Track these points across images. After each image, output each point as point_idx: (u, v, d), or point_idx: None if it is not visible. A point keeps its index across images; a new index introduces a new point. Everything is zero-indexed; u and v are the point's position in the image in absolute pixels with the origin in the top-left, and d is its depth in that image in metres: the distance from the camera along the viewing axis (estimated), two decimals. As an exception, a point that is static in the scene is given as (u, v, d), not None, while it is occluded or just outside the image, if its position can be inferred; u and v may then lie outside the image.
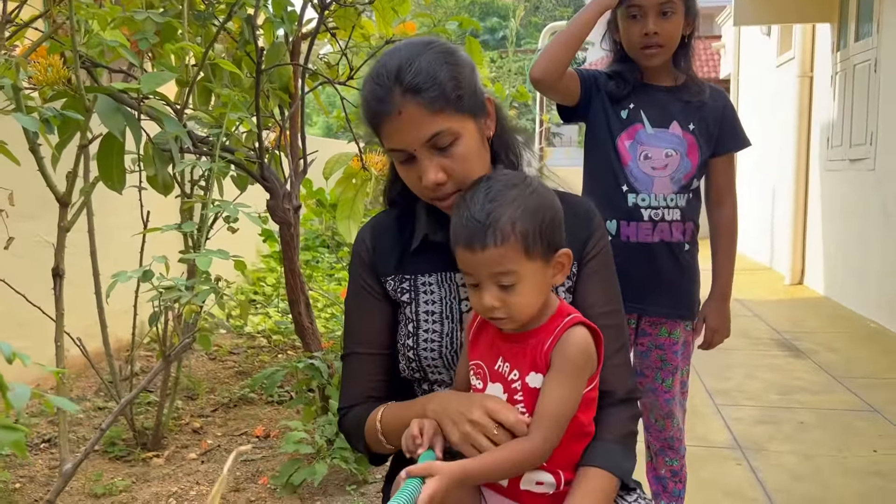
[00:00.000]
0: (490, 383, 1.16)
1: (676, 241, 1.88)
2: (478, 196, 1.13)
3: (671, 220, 1.86)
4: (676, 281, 1.91)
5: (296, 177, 2.82)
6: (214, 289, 1.65)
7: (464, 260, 1.13)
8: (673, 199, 1.85)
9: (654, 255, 1.87)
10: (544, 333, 1.15)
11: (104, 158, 2.10)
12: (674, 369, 1.97)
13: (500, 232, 1.09)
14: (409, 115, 1.15)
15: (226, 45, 2.84)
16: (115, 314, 2.77)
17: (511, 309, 1.12)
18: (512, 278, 1.11)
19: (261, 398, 3.37)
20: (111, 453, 2.74)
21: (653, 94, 1.87)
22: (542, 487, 1.16)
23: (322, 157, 3.01)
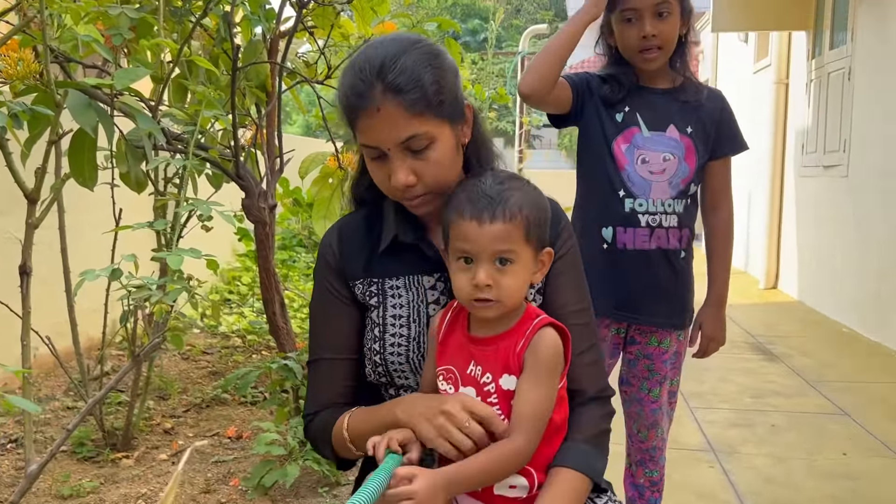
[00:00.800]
0: (462, 387, 1.16)
1: (673, 248, 1.83)
2: (487, 179, 1.17)
3: (668, 226, 1.82)
4: (672, 289, 1.87)
5: (272, 175, 2.79)
6: (186, 288, 1.63)
7: (467, 233, 1.13)
8: (671, 205, 1.81)
9: (650, 264, 1.83)
10: (515, 335, 1.15)
11: (75, 155, 2.06)
12: (661, 379, 1.93)
13: (510, 210, 1.13)
14: (388, 114, 1.14)
15: (202, 43, 2.81)
16: (85, 313, 2.73)
17: (501, 291, 1.13)
18: (511, 256, 1.14)
19: (234, 399, 3.34)
20: (79, 454, 2.70)
21: (649, 97, 1.83)
22: (514, 491, 1.16)
23: (300, 155, 2.99)
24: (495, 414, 1.12)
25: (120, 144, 2.18)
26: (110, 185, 2.37)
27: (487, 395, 1.14)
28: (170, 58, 2.37)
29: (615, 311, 1.87)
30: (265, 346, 4.13)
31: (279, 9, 2.72)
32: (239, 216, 2.72)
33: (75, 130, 2.02)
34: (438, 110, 1.17)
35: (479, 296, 1.13)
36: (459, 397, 1.13)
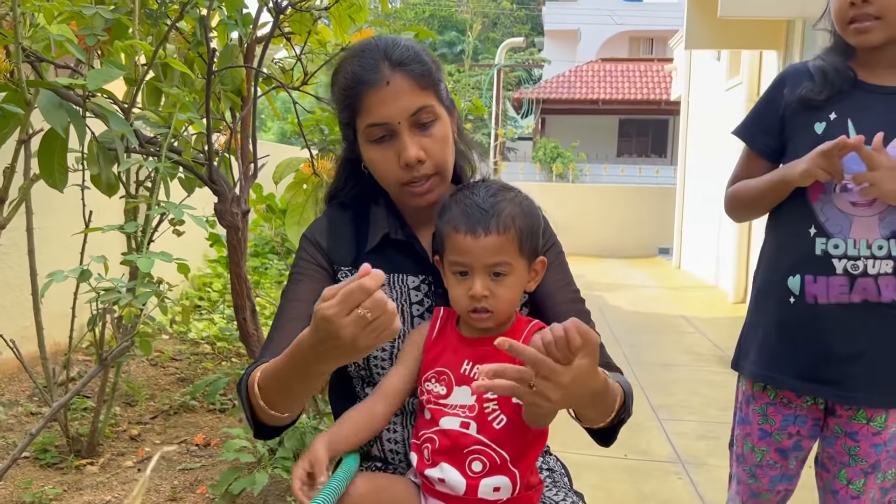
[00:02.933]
0: (456, 386, 1.18)
1: (888, 301, 1.41)
2: (479, 190, 1.19)
3: (877, 273, 1.40)
4: (887, 355, 1.43)
5: (245, 181, 2.78)
6: (156, 291, 1.61)
7: (463, 247, 1.15)
8: (883, 247, 1.39)
9: (852, 321, 1.42)
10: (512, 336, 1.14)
11: (45, 155, 2.04)
12: (869, 469, 1.48)
13: (503, 222, 1.15)
14: (398, 86, 1.16)
15: (178, 46, 2.79)
16: (53, 317, 2.68)
17: (497, 301, 1.16)
18: (506, 269, 1.16)
19: (202, 406, 3.30)
20: (43, 460, 2.64)
21: (867, 98, 1.40)
22: (498, 494, 1.16)
23: (274, 161, 2.97)
24: (356, 279, 0.92)
25: (91, 146, 2.15)
26: (80, 187, 2.34)
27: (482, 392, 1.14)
28: (144, 60, 2.35)
29: (800, 383, 1.49)
30: (235, 353, 4.09)
31: (256, 14, 2.71)
32: (211, 221, 2.71)
33: (46, 131, 1.99)
34: (438, 90, 1.21)
35: (476, 306, 1.16)
36: (329, 295, 0.94)
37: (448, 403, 1.17)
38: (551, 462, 1.37)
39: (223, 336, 4.24)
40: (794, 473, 1.58)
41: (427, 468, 1.16)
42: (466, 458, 1.14)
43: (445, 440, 1.15)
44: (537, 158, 18.65)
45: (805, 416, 1.52)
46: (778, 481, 1.60)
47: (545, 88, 20.92)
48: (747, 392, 1.60)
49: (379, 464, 1.29)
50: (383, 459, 1.28)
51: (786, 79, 1.51)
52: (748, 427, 1.60)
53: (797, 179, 1.40)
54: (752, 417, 1.58)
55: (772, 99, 1.52)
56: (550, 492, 1.29)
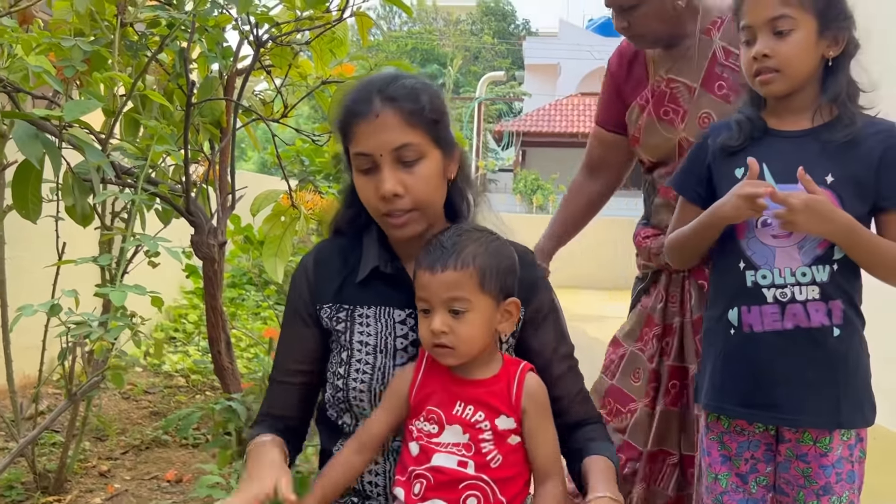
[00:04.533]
0: (447, 425, 1.19)
1: (818, 325, 1.48)
2: (449, 231, 1.22)
3: (805, 299, 1.48)
4: (825, 378, 1.49)
5: (223, 212, 2.76)
6: (129, 325, 1.58)
7: (422, 283, 1.18)
8: (806, 274, 1.48)
9: (786, 346, 1.49)
10: (505, 379, 1.21)
11: (19, 186, 2.02)
12: (821, 491, 1.52)
13: (462, 259, 1.17)
14: (385, 121, 1.21)
15: (157, 78, 2.79)
16: (23, 350, 2.63)
17: (458, 338, 1.16)
18: (464, 305, 1.17)
19: (175, 441, 3.24)
20: (8, 497, 2.57)
21: (777, 143, 1.52)
22: None
23: (253, 192, 2.96)
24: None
25: (67, 177, 2.13)
26: (55, 218, 2.31)
27: (479, 432, 1.17)
28: (123, 91, 2.34)
29: (744, 410, 1.55)
30: (209, 387, 4.03)
31: (237, 47, 2.72)
32: (187, 252, 2.68)
33: (20, 161, 1.97)
34: (431, 129, 1.24)
35: (436, 342, 1.17)
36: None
37: (441, 442, 1.18)
38: None
39: (197, 369, 4.19)
40: (758, 499, 1.60)
41: (416, 502, 1.17)
42: (461, 493, 1.16)
43: (441, 477, 1.16)
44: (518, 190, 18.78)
45: (758, 440, 1.58)
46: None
47: (525, 121, 21.16)
48: (704, 423, 1.66)
49: (355, 499, 1.30)
50: (361, 492, 1.29)
51: (711, 131, 1.63)
52: (708, 458, 1.64)
53: (728, 218, 1.50)
54: (711, 446, 1.63)
55: (700, 150, 1.63)
56: None
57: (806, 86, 1.51)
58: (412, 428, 1.21)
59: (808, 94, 1.52)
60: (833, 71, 1.50)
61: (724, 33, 1.80)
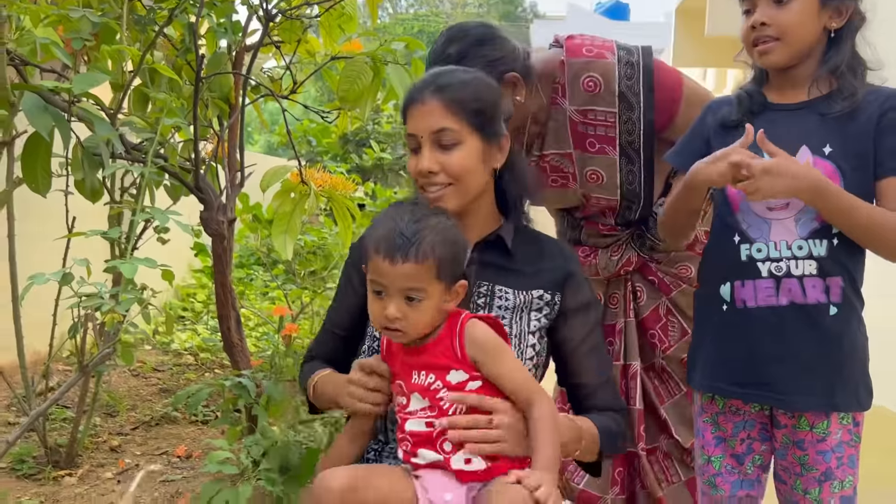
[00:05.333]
0: (410, 395, 1.29)
1: (814, 303, 1.44)
2: (404, 215, 1.27)
3: (802, 274, 1.44)
4: (820, 358, 1.46)
5: (232, 189, 2.75)
6: (138, 298, 1.58)
7: (380, 269, 1.24)
8: (802, 248, 1.44)
9: (781, 324, 1.46)
10: (447, 337, 1.27)
11: (29, 159, 2.01)
12: (822, 477, 1.48)
13: (423, 252, 1.22)
14: (429, 107, 1.37)
15: (165, 53, 2.77)
16: (33, 326, 2.63)
17: (409, 322, 1.24)
18: (421, 294, 1.24)
19: (184, 417, 3.25)
20: (20, 471, 2.59)
21: (775, 115, 1.50)
22: (470, 465, 1.24)
23: (261, 171, 2.96)
24: (377, 359, 1.35)
25: (76, 151, 2.13)
26: (64, 192, 2.31)
27: (435, 392, 1.26)
28: (132, 67, 2.33)
29: (741, 391, 1.52)
30: (218, 365, 4.05)
31: (245, 21, 2.70)
32: (196, 231, 2.68)
33: (30, 134, 1.97)
34: (472, 119, 1.37)
35: (389, 326, 1.25)
36: (355, 364, 1.37)
37: (410, 410, 1.29)
38: None
39: (206, 347, 4.20)
40: (753, 479, 1.58)
41: (410, 458, 1.28)
42: (436, 440, 1.25)
43: (417, 437, 1.27)
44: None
45: (753, 420, 1.56)
46: (738, 486, 1.59)
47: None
48: (698, 404, 1.64)
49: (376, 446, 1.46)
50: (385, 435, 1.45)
51: (711, 107, 1.63)
52: (702, 439, 1.63)
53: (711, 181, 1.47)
54: (705, 428, 1.61)
55: (699, 125, 1.63)
56: None
57: (807, 58, 1.47)
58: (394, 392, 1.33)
59: (809, 67, 1.48)
60: (835, 42, 1.46)
61: (571, 98, 1.80)
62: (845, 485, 1.48)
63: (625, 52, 1.79)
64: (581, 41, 1.81)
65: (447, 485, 1.24)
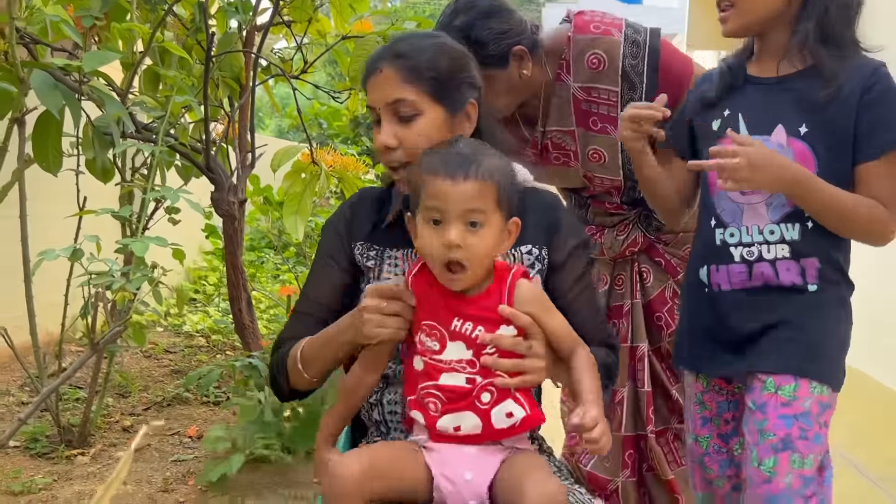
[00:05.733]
0: (450, 342, 1.18)
1: (789, 284, 1.40)
2: (460, 142, 1.21)
3: (774, 257, 1.40)
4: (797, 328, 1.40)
5: (242, 170, 2.75)
6: (149, 276, 1.58)
7: (440, 191, 1.14)
8: (774, 232, 1.39)
9: (755, 302, 1.42)
10: (497, 292, 1.19)
11: (40, 138, 2.01)
12: (779, 444, 1.35)
13: (484, 170, 1.15)
14: (385, 76, 1.27)
15: (176, 32, 2.76)
16: (45, 307, 2.64)
17: (471, 251, 1.13)
18: (482, 218, 1.14)
19: (196, 398, 3.26)
20: (33, 450, 2.61)
21: (752, 91, 1.43)
22: (512, 419, 1.18)
23: (272, 154, 2.95)
24: (398, 282, 1.22)
25: (87, 130, 2.12)
26: (75, 171, 2.30)
27: (482, 347, 1.17)
28: (142, 47, 2.32)
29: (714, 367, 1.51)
30: (230, 346, 4.06)
31: (256, 0, 2.68)
32: (207, 212, 2.68)
33: (41, 113, 1.96)
34: (431, 87, 1.27)
35: (451, 256, 1.13)
36: (369, 290, 1.22)
37: (444, 359, 1.18)
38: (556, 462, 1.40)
39: (218, 328, 4.21)
40: (741, 461, 1.51)
41: (437, 420, 1.17)
42: (476, 396, 1.17)
43: (452, 394, 1.17)
44: (536, 159, 18.65)
45: (737, 400, 1.52)
46: (727, 466, 1.56)
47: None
48: (686, 384, 1.63)
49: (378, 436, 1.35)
50: (383, 423, 1.33)
51: (697, 83, 1.58)
52: (689, 422, 1.62)
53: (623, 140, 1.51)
54: (692, 409, 1.59)
55: (684, 104, 1.59)
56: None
57: (776, 26, 1.40)
58: (416, 340, 1.20)
59: (781, 38, 1.41)
60: (804, 10, 1.37)
61: (575, 74, 1.76)
62: (806, 463, 1.34)
63: (632, 30, 1.76)
64: (591, 18, 1.78)
65: (468, 461, 1.17)
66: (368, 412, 1.34)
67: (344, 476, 1.11)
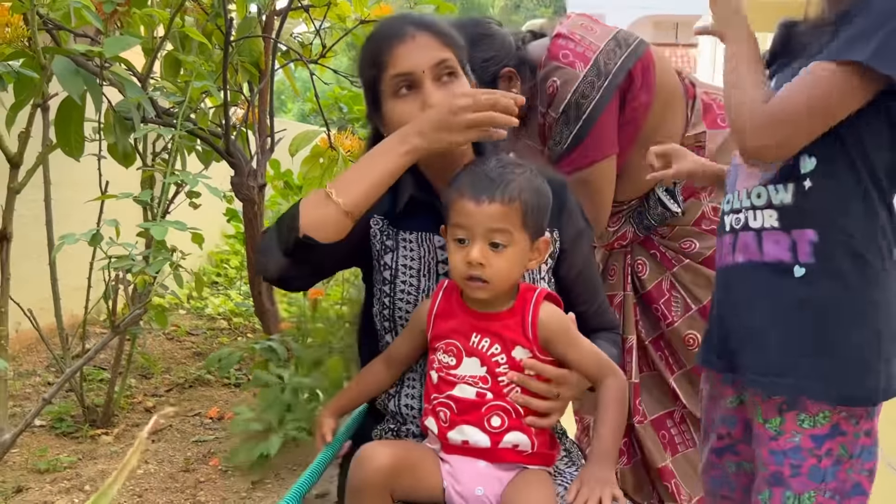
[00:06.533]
0: (466, 358, 1.19)
1: (774, 261, 1.18)
2: (489, 162, 1.20)
3: (761, 226, 1.20)
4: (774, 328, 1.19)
5: (262, 154, 2.77)
6: (169, 259, 1.60)
7: (465, 212, 1.15)
8: (761, 195, 1.20)
9: (735, 286, 1.25)
10: (520, 312, 1.19)
11: (62, 123, 2.03)
12: (771, 479, 1.21)
13: (509, 193, 1.15)
14: (422, 41, 1.24)
15: (196, 17, 2.77)
16: (69, 291, 2.69)
17: (493, 271, 1.15)
18: (506, 238, 1.15)
19: (217, 380, 3.31)
20: (58, 429, 2.67)
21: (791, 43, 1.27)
22: (518, 450, 1.18)
23: (292, 137, 2.96)
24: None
25: (108, 115, 2.15)
26: (97, 156, 2.33)
27: (497, 364, 1.18)
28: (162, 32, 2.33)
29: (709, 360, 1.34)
30: (251, 329, 4.10)
31: (275, -15, 2.68)
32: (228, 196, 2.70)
33: (63, 99, 1.99)
34: (462, 54, 1.28)
35: (472, 273, 1.15)
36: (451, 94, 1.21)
37: (458, 374, 1.19)
38: (567, 444, 1.38)
39: (239, 311, 4.26)
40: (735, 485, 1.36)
41: (447, 431, 1.18)
42: (485, 415, 1.17)
43: (462, 404, 1.18)
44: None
45: (734, 416, 1.33)
46: (719, 485, 1.39)
47: (567, 72, 20.68)
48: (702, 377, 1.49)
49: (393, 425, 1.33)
50: (398, 415, 1.32)
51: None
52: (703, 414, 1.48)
53: None
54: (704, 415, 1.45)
55: None
56: (570, 468, 1.31)
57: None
58: (433, 358, 1.23)
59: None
60: None
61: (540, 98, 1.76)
62: (804, 500, 1.18)
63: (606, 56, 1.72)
64: (565, 44, 1.75)
65: (479, 476, 1.17)
66: (385, 401, 1.34)
67: (373, 468, 1.10)
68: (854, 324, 1.16)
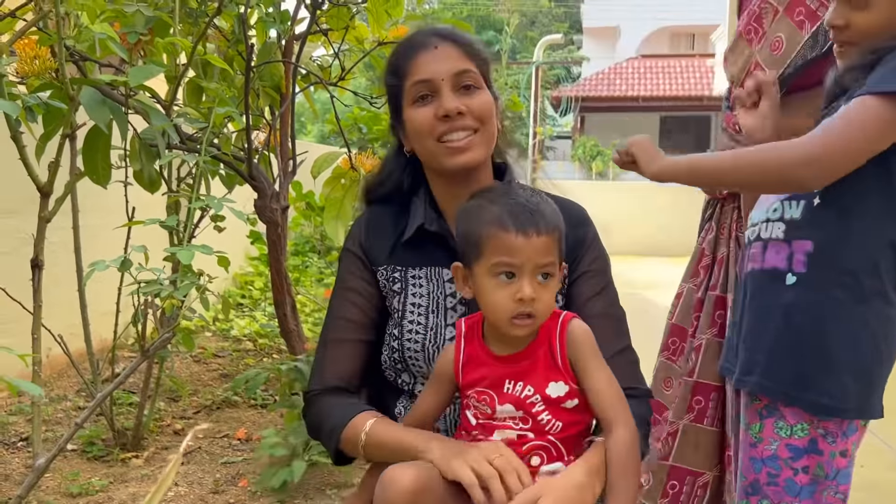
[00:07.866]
0: (499, 405, 1.15)
1: (771, 267, 1.23)
2: (517, 190, 1.17)
3: (770, 237, 1.25)
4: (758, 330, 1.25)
5: (284, 177, 2.80)
6: (196, 283, 1.62)
7: (513, 247, 1.11)
8: (777, 210, 1.25)
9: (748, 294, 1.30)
10: (547, 342, 1.15)
11: (89, 151, 2.08)
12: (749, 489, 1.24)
13: (550, 222, 1.13)
14: (445, 51, 1.26)
15: (218, 44, 2.83)
16: (98, 316, 2.73)
17: (542, 305, 1.12)
18: (553, 269, 1.14)
19: (244, 401, 3.33)
20: (89, 453, 2.70)
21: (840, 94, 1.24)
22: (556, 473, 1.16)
23: (313, 160, 2.99)
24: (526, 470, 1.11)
25: (134, 142, 2.19)
26: (123, 183, 2.38)
27: (531, 406, 1.14)
28: (185, 59, 2.38)
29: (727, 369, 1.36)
30: (276, 350, 4.13)
31: (294, 10, 2.73)
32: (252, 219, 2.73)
33: (90, 128, 2.03)
34: (484, 68, 1.29)
35: (522, 310, 1.11)
36: (500, 449, 1.12)
37: (497, 418, 1.16)
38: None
39: (264, 332, 4.29)
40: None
41: None
42: (526, 453, 1.14)
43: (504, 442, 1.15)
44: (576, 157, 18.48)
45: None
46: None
47: (584, 86, 20.74)
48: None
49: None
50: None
51: None
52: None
53: None
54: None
55: None
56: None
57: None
58: (468, 403, 1.19)
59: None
60: None
61: None
62: None
63: None
64: None
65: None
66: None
67: (397, 491, 1.07)
68: (835, 337, 1.18)
